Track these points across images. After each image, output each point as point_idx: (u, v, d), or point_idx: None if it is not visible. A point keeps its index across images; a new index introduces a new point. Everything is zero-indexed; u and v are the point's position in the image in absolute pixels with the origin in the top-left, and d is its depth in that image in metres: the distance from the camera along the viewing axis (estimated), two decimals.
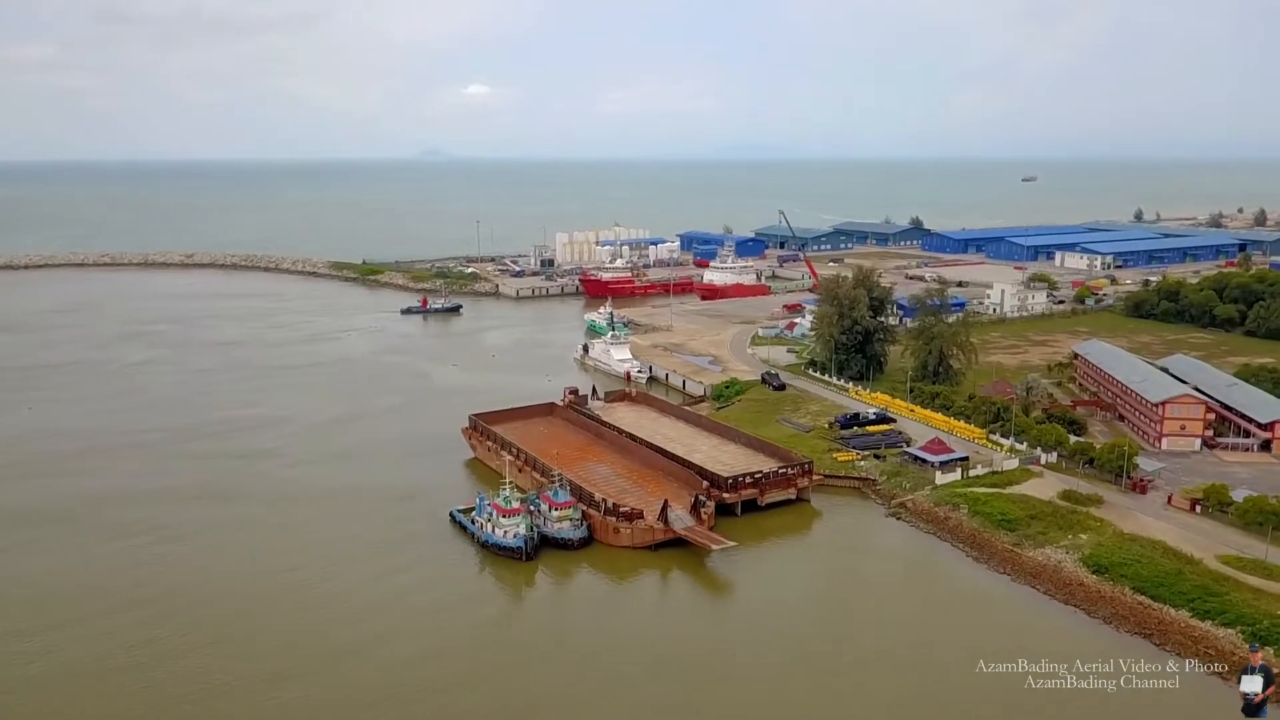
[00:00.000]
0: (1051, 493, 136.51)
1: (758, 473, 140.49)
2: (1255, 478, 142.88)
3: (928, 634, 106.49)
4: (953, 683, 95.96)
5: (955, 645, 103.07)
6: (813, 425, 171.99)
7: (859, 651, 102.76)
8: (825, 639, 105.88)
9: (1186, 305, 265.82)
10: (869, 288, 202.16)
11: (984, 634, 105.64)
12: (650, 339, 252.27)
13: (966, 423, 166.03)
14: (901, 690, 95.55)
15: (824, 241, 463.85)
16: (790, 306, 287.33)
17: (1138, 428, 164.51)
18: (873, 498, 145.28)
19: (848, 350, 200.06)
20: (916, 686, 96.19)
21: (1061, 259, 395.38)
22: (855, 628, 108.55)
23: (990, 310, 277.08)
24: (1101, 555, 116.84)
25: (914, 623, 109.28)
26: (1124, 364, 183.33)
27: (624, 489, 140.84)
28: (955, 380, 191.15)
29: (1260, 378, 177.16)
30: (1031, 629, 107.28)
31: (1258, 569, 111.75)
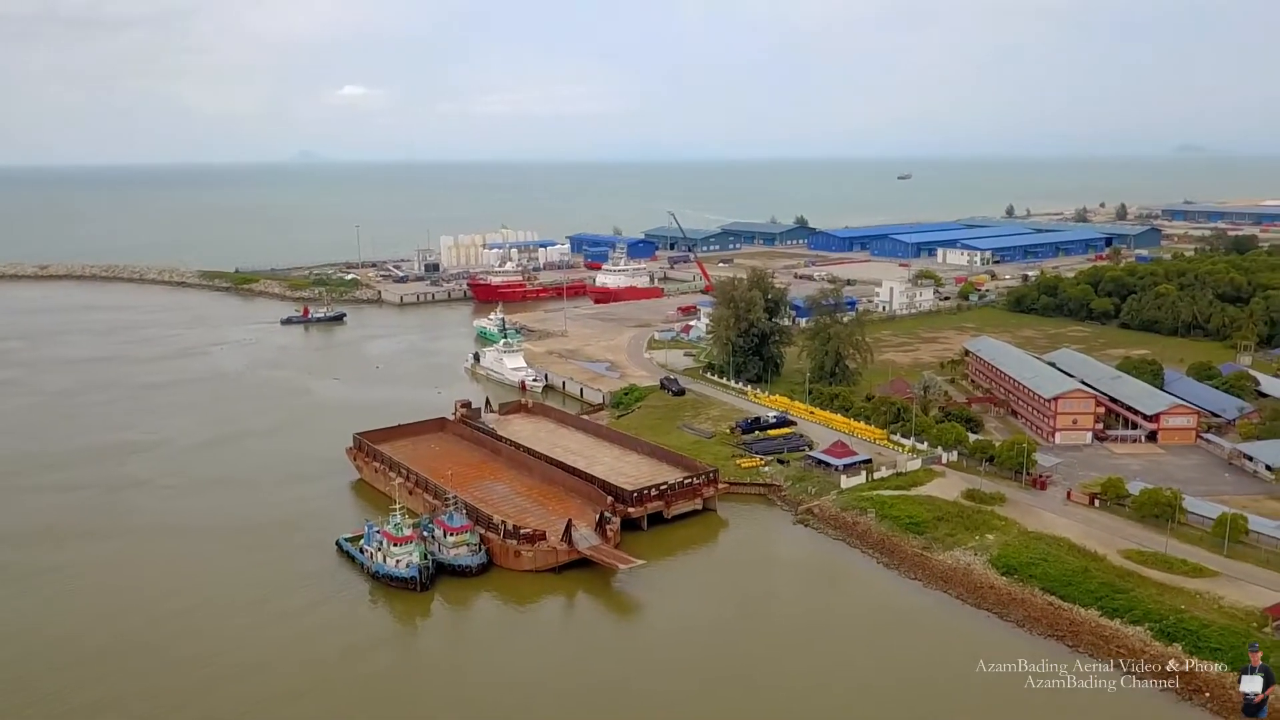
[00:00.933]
0: (955, 492, 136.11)
1: (663, 484, 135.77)
2: (1145, 468, 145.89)
3: (843, 649, 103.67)
4: (871, 698, 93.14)
5: (870, 659, 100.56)
6: (715, 431, 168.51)
7: (774, 672, 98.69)
8: (739, 659, 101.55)
9: (1064, 299, 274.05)
10: (764, 289, 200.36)
11: (898, 646, 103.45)
12: (544, 345, 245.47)
13: (867, 424, 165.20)
14: (817, 712, 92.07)
15: (713, 242, 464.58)
16: (685, 309, 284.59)
17: (1031, 423, 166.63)
18: (779, 504, 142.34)
19: (745, 353, 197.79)
20: (833, 706, 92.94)
21: (943, 255, 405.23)
22: (769, 646, 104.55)
23: (880, 308, 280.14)
24: (1009, 555, 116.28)
25: (828, 638, 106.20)
26: (1014, 360, 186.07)
27: (524, 508, 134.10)
28: (852, 380, 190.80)
29: (1140, 370, 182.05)
30: (946, 637, 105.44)
31: (1159, 563, 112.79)
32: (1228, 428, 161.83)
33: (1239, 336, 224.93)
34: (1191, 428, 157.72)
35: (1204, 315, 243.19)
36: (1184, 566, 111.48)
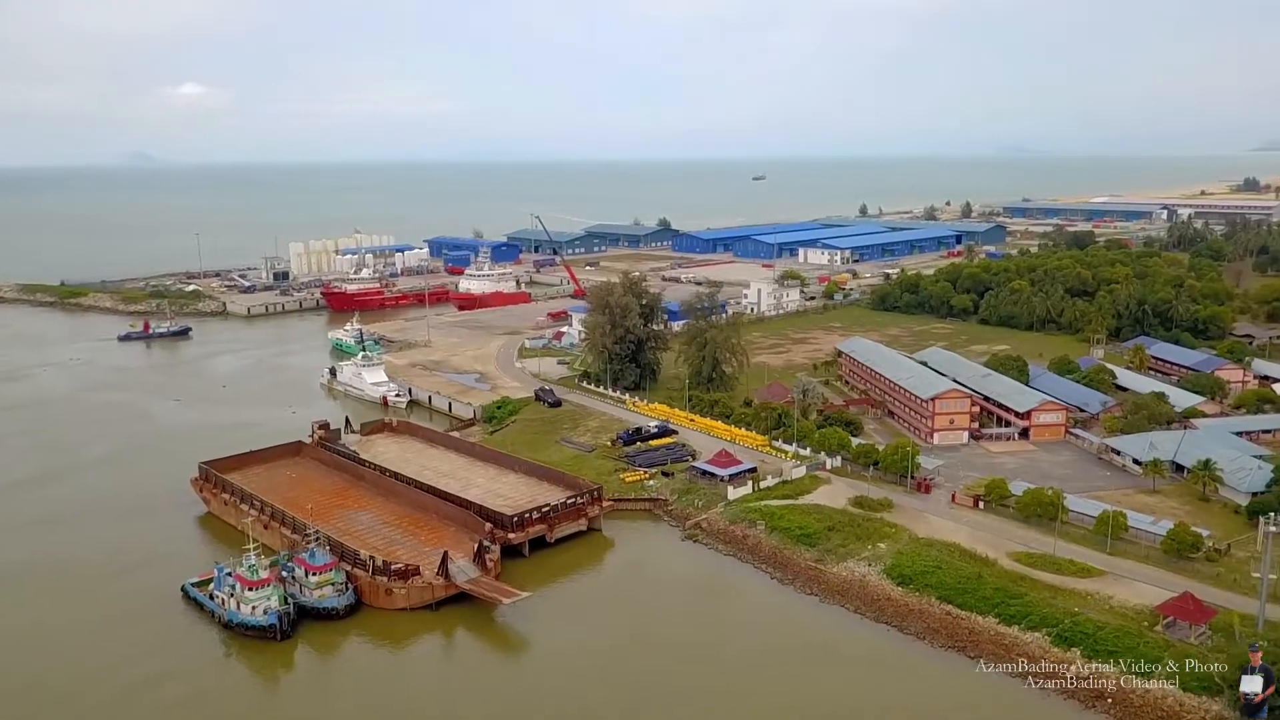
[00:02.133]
0: (843, 500, 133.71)
1: (545, 506, 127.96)
2: (1022, 467, 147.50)
3: (741, 675, 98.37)
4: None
5: (771, 685, 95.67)
6: (595, 444, 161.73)
7: (670, 703, 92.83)
8: (633, 691, 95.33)
9: (926, 297, 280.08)
10: (639, 294, 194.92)
11: (798, 670, 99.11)
12: (407, 357, 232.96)
13: (748, 430, 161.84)
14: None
15: (578, 245, 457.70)
16: (555, 314, 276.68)
17: (909, 424, 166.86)
18: (666, 519, 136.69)
19: (621, 360, 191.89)
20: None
21: (804, 255, 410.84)
22: (664, 675, 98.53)
23: (749, 310, 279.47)
24: (903, 564, 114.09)
25: (725, 663, 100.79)
26: (888, 361, 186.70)
27: (394, 540, 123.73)
28: (729, 386, 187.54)
29: (1007, 367, 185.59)
30: (847, 655, 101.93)
31: (1048, 564, 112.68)
32: (1092, 422, 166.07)
33: (1090, 330, 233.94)
34: (1061, 424, 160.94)
35: (1057, 310, 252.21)
36: (1072, 567, 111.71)
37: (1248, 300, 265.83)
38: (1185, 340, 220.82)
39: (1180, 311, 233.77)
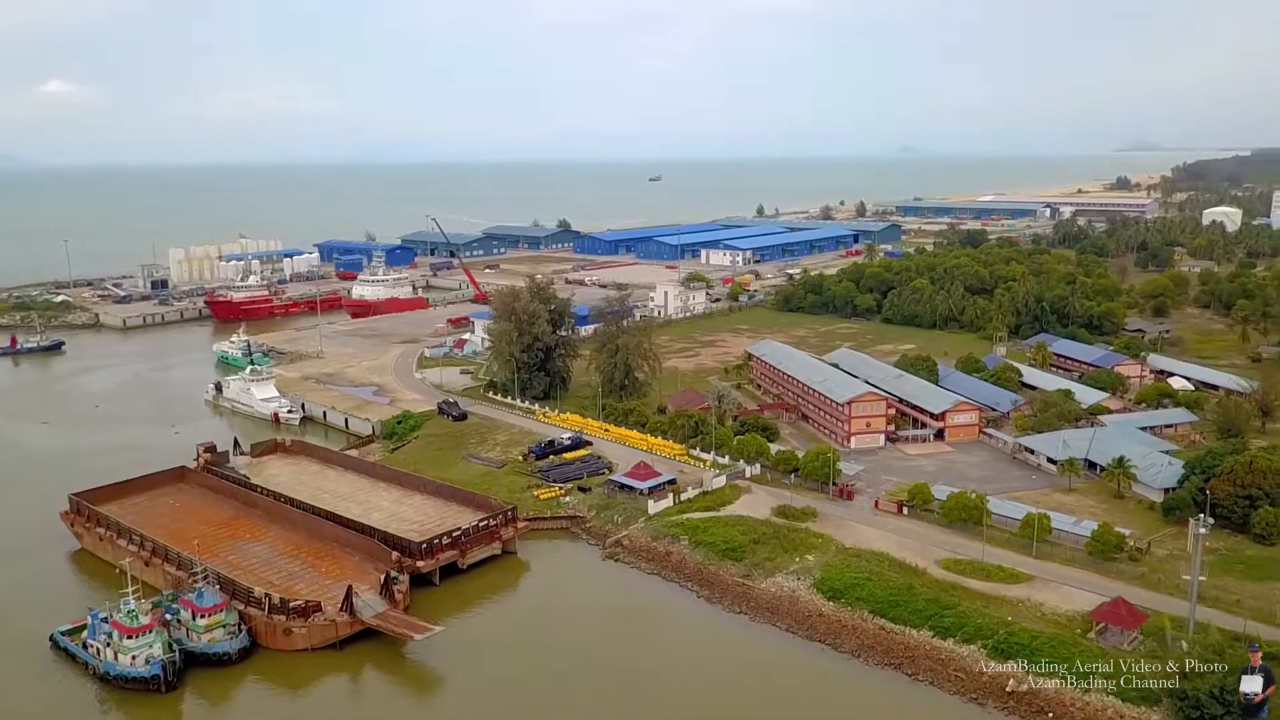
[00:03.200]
0: (766, 509, 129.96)
1: (455, 530, 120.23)
2: (940, 469, 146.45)
3: (672, 708, 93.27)
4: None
5: (703, 716, 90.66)
6: (505, 459, 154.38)
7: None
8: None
9: (830, 297, 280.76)
10: (546, 300, 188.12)
11: (731, 697, 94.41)
12: (299, 369, 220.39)
13: (664, 439, 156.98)
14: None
15: (476, 247, 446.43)
16: (455, 321, 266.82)
17: (824, 428, 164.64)
18: (585, 538, 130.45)
19: (529, 368, 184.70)
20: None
21: (706, 256, 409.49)
22: (590, 710, 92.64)
23: (656, 313, 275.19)
24: (833, 577, 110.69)
25: (655, 693, 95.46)
26: (801, 364, 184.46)
27: (291, 573, 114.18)
28: (642, 392, 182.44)
29: (917, 367, 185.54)
30: (782, 681, 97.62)
31: (977, 571, 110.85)
32: (1004, 421, 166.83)
33: (992, 327, 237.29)
34: (975, 424, 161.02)
35: (958, 308, 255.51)
36: (1001, 573, 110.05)
37: (1134, 295, 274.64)
38: (1082, 336, 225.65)
39: (1076, 308, 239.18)
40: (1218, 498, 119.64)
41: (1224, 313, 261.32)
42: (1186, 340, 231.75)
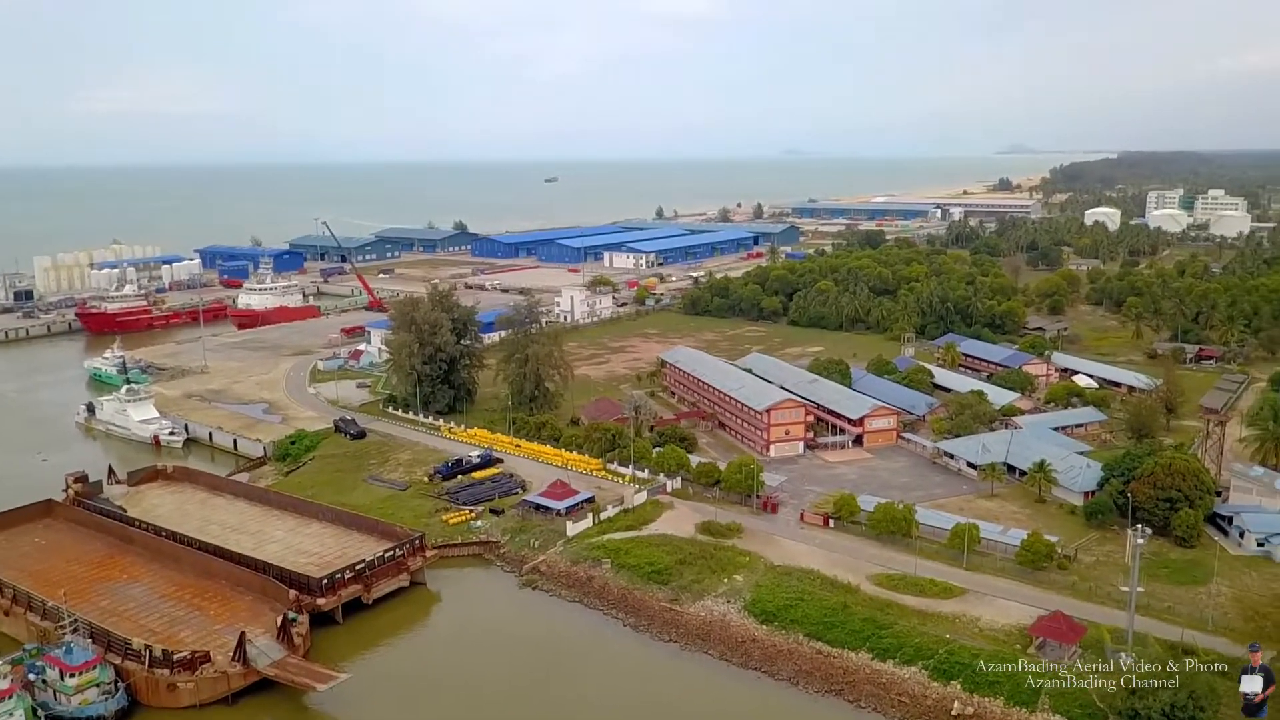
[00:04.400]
0: (690, 526, 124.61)
1: (358, 563, 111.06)
2: (862, 477, 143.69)
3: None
4: None
5: None
6: (410, 480, 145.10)
7: None
8: None
9: (736, 300, 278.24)
10: (448, 308, 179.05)
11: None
12: (181, 386, 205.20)
13: (580, 454, 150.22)
14: None
15: (369, 251, 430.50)
16: (350, 330, 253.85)
17: (742, 436, 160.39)
18: (499, 565, 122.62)
19: (432, 381, 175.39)
20: None
21: (609, 259, 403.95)
22: None
23: (562, 318, 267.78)
24: (764, 599, 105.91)
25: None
26: (716, 370, 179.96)
27: (175, 619, 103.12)
28: (554, 404, 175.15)
29: (830, 371, 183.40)
30: (718, 712, 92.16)
31: (910, 586, 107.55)
32: (920, 424, 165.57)
33: (899, 328, 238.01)
34: (893, 429, 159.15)
35: (864, 309, 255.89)
36: (934, 588, 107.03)
37: (1030, 295, 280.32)
38: (986, 336, 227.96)
39: (979, 308, 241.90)
40: (1138, 500, 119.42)
41: (1115, 310, 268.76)
42: (1084, 338, 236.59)
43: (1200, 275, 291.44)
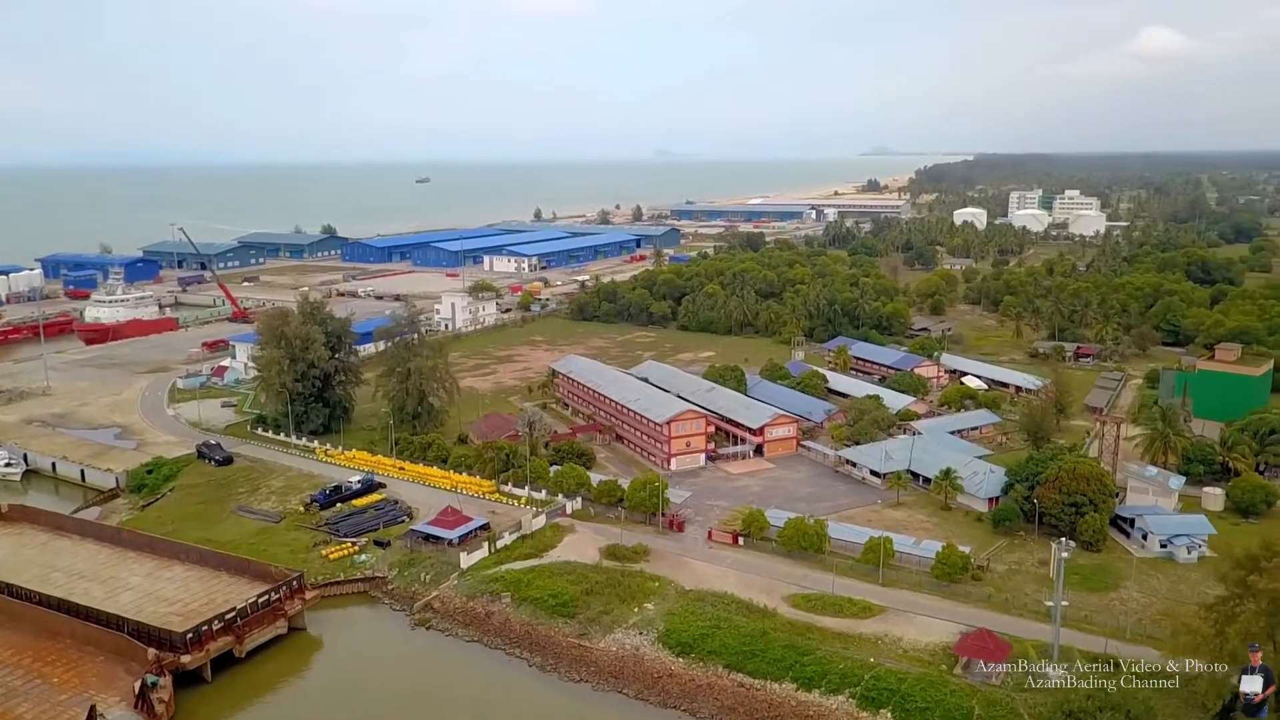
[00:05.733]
0: (593, 551, 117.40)
1: (228, 611, 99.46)
2: (766, 489, 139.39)
3: None
4: None
5: None
6: (283, 510, 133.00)
7: None
8: None
9: (625, 305, 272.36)
10: (321, 321, 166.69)
11: None
12: (19, 410, 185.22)
13: (471, 475, 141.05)
14: None
15: (231, 257, 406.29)
16: (212, 344, 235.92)
17: (642, 449, 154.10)
18: (388, 603, 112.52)
19: (305, 399, 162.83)
20: None
21: (490, 263, 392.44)
22: None
23: (443, 326, 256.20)
24: (678, 628, 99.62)
25: None
26: (612, 380, 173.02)
27: (11, 690, 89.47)
28: (439, 421, 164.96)
29: (726, 378, 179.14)
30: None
31: (828, 607, 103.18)
32: (818, 431, 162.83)
33: (788, 331, 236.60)
34: (793, 437, 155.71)
35: (752, 313, 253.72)
36: (853, 607, 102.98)
37: (911, 295, 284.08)
38: (874, 338, 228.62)
39: (865, 309, 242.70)
40: (1044, 506, 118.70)
41: (993, 309, 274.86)
42: (967, 338, 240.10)
43: (1069, 274, 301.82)
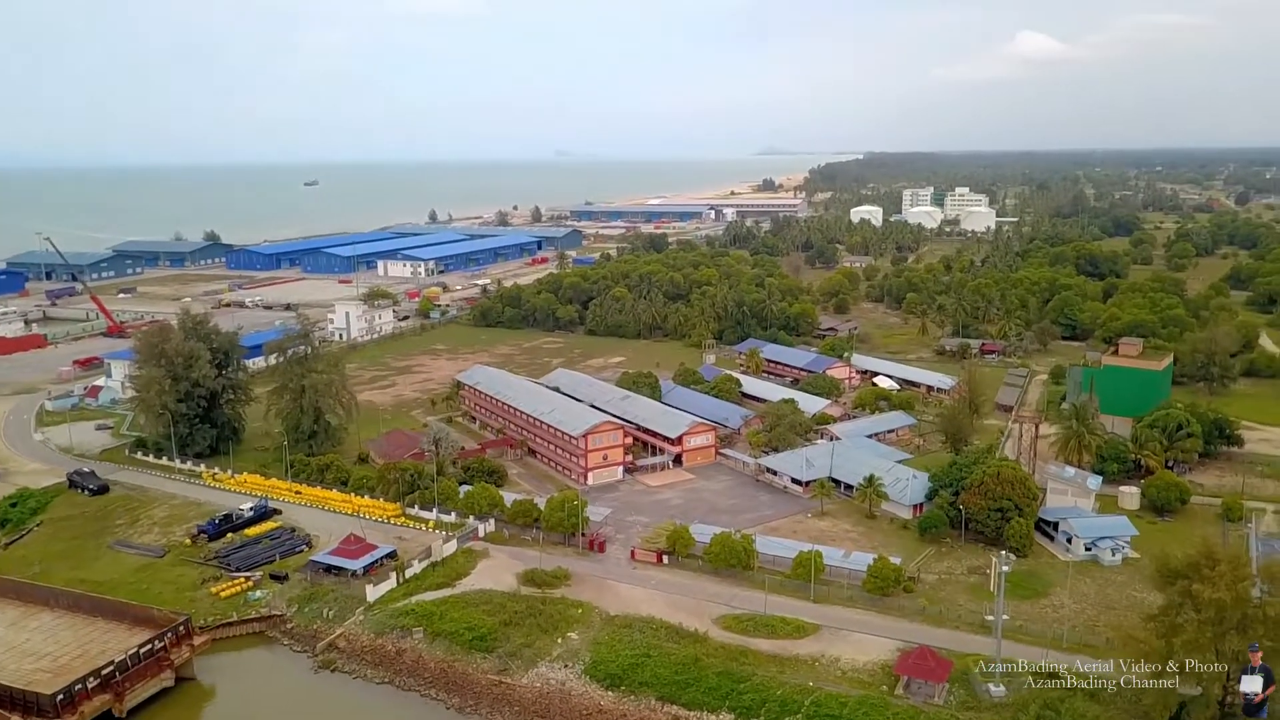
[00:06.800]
0: (510, 577, 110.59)
1: (106, 666, 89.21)
2: (687, 501, 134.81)
3: None
4: None
5: None
6: (167, 544, 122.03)
7: None
8: None
9: (530, 310, 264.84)
10: (206, 336, 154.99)
11: None
12: None
13: (374, 498, 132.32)
14: None
15: (105, 268, 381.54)
16: (84, 361, 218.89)
17: (556, 464, 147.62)
18: (287, 644, 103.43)
19: (190, 420, 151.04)
20: None
21: (384, 268, 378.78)
22: None
23: (337, 336, 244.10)
24: (606, 659, 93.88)
25: None
26: (522, 391, 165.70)
27: None
28: (337, 440, 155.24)
29: (640, 385, 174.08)
30: None
31: (762, 628, 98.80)
32: (735, 438, 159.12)
33: (697, 334, 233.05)
34: (712, 445, 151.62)
35: (661, 316, 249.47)
36: (786, 627, 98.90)
37: (815, 294, 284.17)
38: (783, 339, 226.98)
39: (773, 310, 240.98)
40: (970, 512, 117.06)
41: (895, 306, 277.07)
42: (873, 336, 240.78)
43: (967, 270, 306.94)
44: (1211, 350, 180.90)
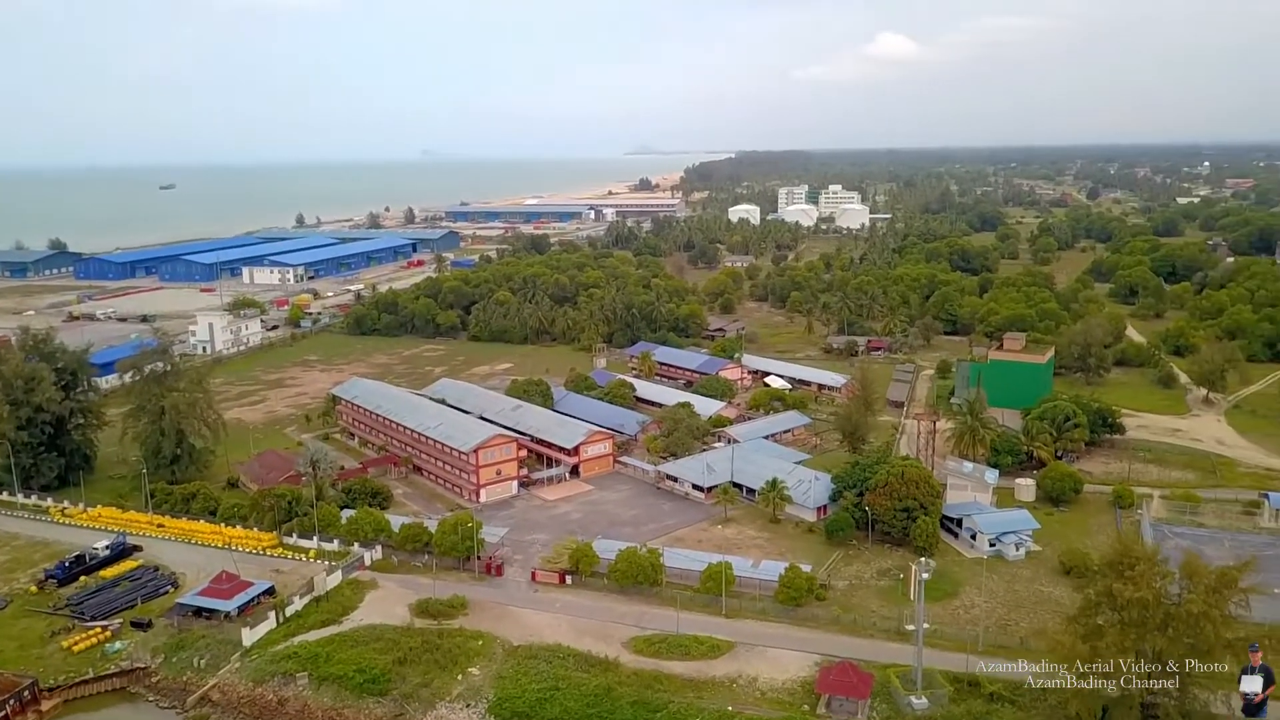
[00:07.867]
0: (402, 609, 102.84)
1: None
2: (587, 514, 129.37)
3: None
4: None
5: None
6: (9, 592, 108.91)
7: None
8: None
9: (407, 316, 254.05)
10: (50, 355, 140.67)
11: None
12: None
13: (247, 528, 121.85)
14: None
15: None
16: None
17: (445, 481, 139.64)
18: (153, 699, 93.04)
19: (33, 449, 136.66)
20: None
21: (250, 275, 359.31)
22: None
23: (200, 350, 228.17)
24: (511, 695, 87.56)
25: None
26: (405, 405, 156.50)
27: None
28: (204, 464, 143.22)
29: (531, 393, 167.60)
30: None
31: (674, 649, 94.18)
32: (633, 445, 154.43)
33: (587, 338, 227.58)
34: (609, 454, 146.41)
35: (548, 320, 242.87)
36: (700, 646, 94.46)
37: (701, 295, 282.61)
38: (673, 341, 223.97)
39: (662, 312, 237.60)
40: (876, 513, 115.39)
41: (780, 305, 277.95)
42: (761, 335, 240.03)
43: (847, 268, 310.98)
44: (1087, 342, 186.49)
